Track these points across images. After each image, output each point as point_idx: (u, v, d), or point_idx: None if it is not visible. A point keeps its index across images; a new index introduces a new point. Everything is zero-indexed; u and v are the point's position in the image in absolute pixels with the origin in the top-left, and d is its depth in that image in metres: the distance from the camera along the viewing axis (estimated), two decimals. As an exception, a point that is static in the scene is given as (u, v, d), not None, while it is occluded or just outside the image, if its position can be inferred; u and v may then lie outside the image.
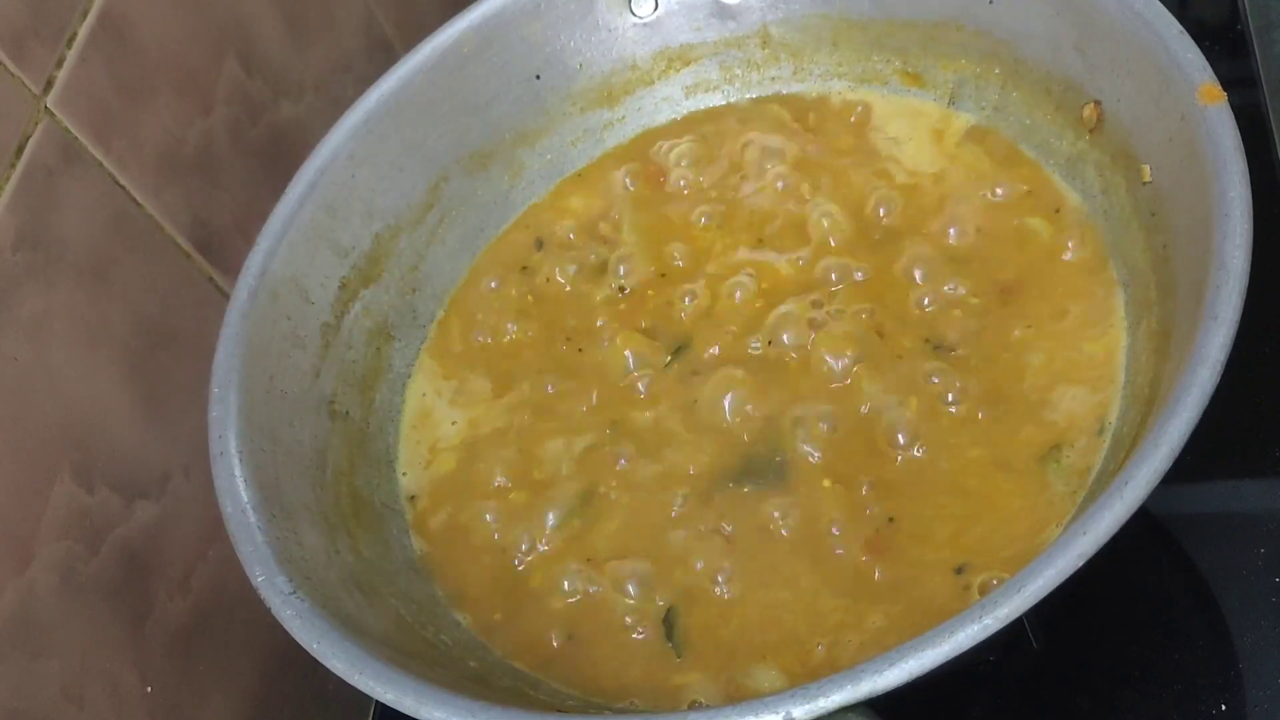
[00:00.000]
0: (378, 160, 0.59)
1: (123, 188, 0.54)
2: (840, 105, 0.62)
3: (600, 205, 0.63)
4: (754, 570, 0.48)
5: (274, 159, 0.63)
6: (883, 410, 0.50)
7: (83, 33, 0.53)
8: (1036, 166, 0.55)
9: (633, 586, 0.49)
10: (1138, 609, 0.51)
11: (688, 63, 0.64)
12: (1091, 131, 0.52)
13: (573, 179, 0.64)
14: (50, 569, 0.48)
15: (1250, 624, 0.48)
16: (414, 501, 0.55)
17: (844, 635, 0.45)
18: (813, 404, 0.51)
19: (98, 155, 0.53)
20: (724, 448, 0.52)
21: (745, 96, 0.64)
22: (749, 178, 0.61)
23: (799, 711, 0.35)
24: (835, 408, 0.51)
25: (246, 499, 0.47)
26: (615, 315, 0.58)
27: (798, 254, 0.57)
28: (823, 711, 0.35)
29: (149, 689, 0.52)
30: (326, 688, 0.62)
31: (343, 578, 0.48)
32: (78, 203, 0.51)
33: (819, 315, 0.54)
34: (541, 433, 0.55)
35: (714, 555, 0.49)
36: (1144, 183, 0.48)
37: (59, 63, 0.51)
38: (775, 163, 0.61)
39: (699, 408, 0.53)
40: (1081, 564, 0.36)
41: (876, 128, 0.60)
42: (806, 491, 0.49)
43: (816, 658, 0.45)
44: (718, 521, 0.49)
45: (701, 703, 0.45)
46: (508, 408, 0.56)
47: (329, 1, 0.70)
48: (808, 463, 0.50)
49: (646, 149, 0.64)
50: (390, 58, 0.61)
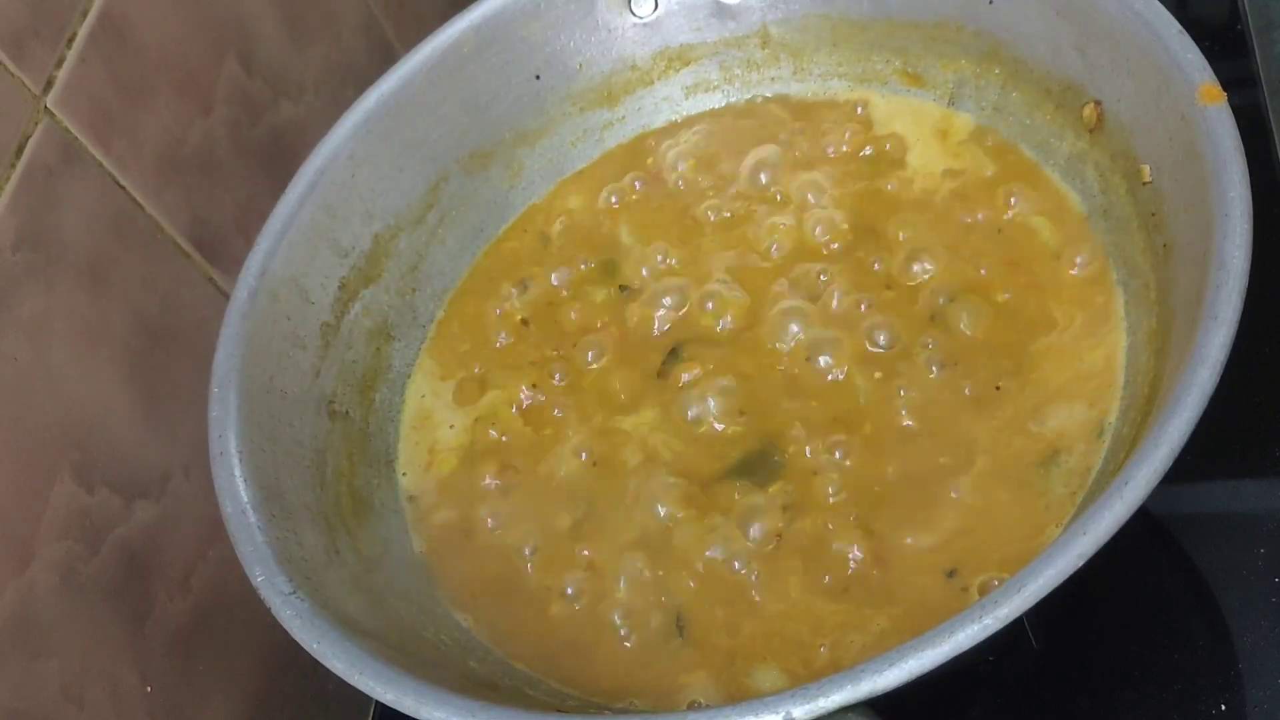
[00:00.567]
0: (378, 160, 0.59)
1: (123, 188, 0.54)
2: (840, 105, 0.62)
3: (600, 205, 0.63)
4: (757, 571, 0.48)
5: (274, 159, 0.63)
6: (877, 409, 0.50)
7: (83, 33, 0.53)
8: (1036, 166, 0.55)
9: (632, 586, 0.49)
10: (1138, 609, 0.51)
11: (687, 63, 0.64)
12: (1091, 131, 0.52)
13: (573, 179, 0.64)
14: (50, 569, 0.48)
15: (1250, 624, 0.48)
16: (414, 501, 0.55)
17: (846, 636, 0.46)
18: (806, 402, 0.52)
19: (98, 155, 0.53)
20: (720, 449, 0.52)
21: (745, 97, 0.64)
22: (749, 178, 0.61)
23: (799, 711, 0.35)
24: (828, 406, 0.51)
25: (246, 499, 0.47)
26: (615, 316, 0.58)
27: (797, 254, 0.57)
28: (823, 711, 0.35)
29: (149, 689, 0.52)
30: (326, 688, 0.62)
31: (343, 578, 0.48)
32: (78, 203, 0.51)
33: (816, 314, 0.54)
34: (542, 434, 0.55)
35: (714, 556, 0.49)
36: (1144, 183, 0.48)
37: (59, 63, 0.51)
38: (775, 163, 0.61)
39: (695, 411, 0.53)
40: (1081, 564, 0.36)
41: (877, 128, 0.60)
42: (803, 490, 0.49)
43: (820, 659, 0.45)
44: (717, 522, 0.49)
45: (701, 703, 0.45)
46: (508, 408, 0.56)
47: (329, 1, 0.70)
48: (804, 460, 0.50)
49: (646, 149, 0.64)
50: (390, 58, 0.61)
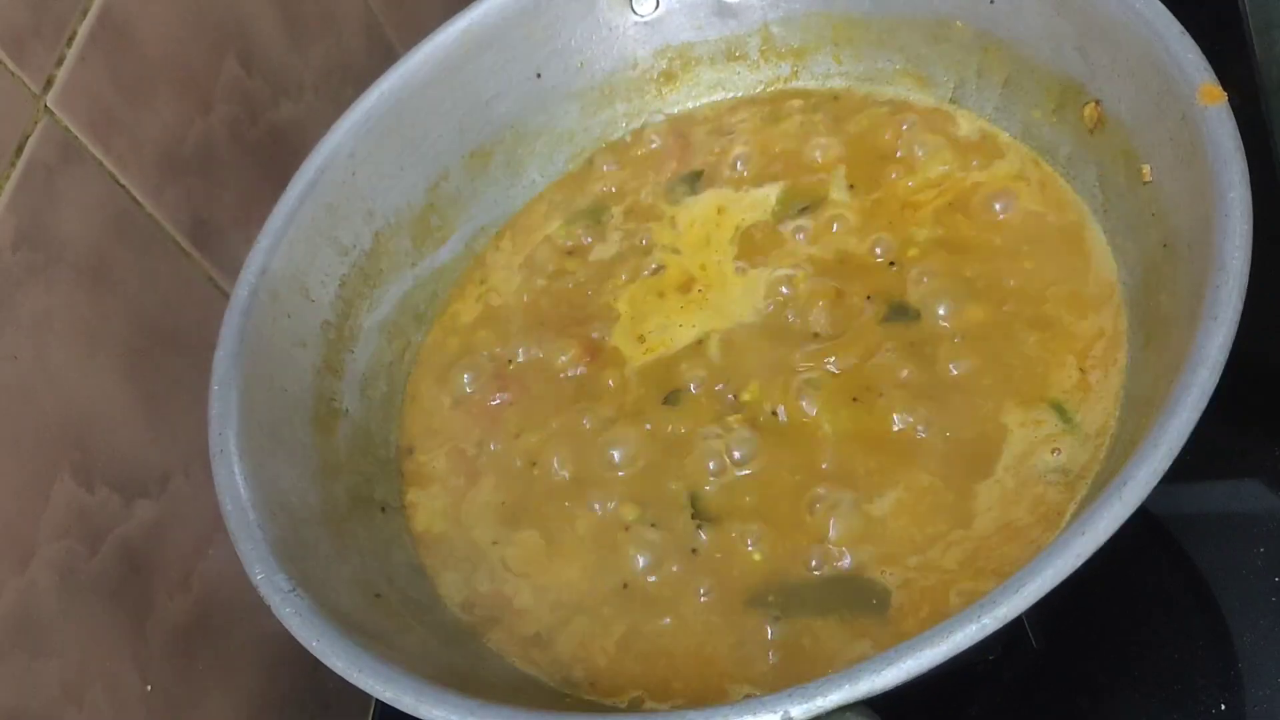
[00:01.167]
0: (378, 159, 0.59)
1: (123, 187, 0.54)
2: (841, 105, 0.62)
3: (600, 204, 0.63)
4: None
5: (274, 158, 0.63)
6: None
7: (82, 32, 0.53)
8: (1037, 166, 0.55)
9: (626, 580, 0.49)
10: (1138, 609, 0.51)
11: (689, 61, 0.64)
12: (1091, 131, 0.52)
13: (573, 178, 0.64)
14: (50, 568, 0.48)
15: (1250, 624, 0.48)
16: (414, 499, 0.55)
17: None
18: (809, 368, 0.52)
19: (98, 155, 0.53)
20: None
21: (746, 95, 0.64)
22: (748, 176, 0.61)
23: (797, 711, 0.35)
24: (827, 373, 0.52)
25: (246, 497, 0.47)
26: (613, 317, 0.58)
27: (796, 248, 0.57)
28: (821, 711, 0.35)
29: (149, 688, 0.52)
30: (326, 686, 0.62)
31: (342, 576, 0.48)
32: (78, 202, 0.51)
33: (814, 302, 0.55)
34: (543, 432, 0.55)
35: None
36: (1144, 183, 0.48)
37: (59, 62, 0.51)
38: (775, 160, 0.61)
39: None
40: (1080, 564, 0.36)
41: (877, 127, 0.60)
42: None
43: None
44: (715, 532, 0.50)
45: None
46: (509, 407, 0.56)
47: (329, 1, 0.70)
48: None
49: (647, 148, 0.64)
50: (390, 57, 0.61)
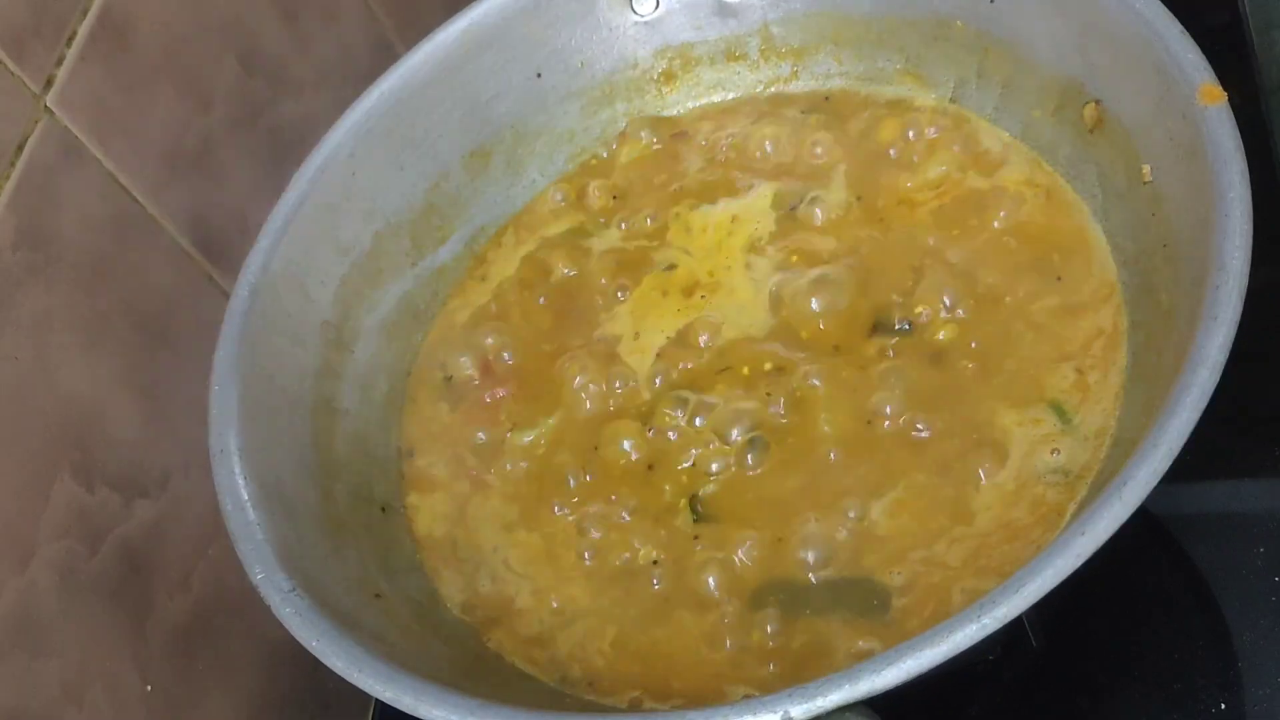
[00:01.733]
0: (378, 158, 0.59)
1: (123, 187, 0.54)
2: (841, 105, 0.62)
3: (601, 205, 0.63)
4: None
5: (274, 158, 0.63)
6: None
7: (83, 31, 0.53)
8: (1037, 165, 0.55)
9: (625, 579, 0.49)
10: (1138, 609, 0.51)
11: (689, 61, 0.64)
12: (1091, 131, 0.52)
13: (573, 177, 0.64)
14: (50, 568, 0.48)
15: (1250, 624, 0.48)
16: (414, 499, 0.55)
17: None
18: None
19: (98, 154, 0.53)
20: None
21: (746, 95, 0.64)
22: (746, 176, 0.61)
23: (797, 711, 0.35)
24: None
25: (246, 496, 0.47)
26: (615, 318, 0.58)
27: (796, 248, 0.57)
28: (821, 711, 0.35)
29: (149, 688, 0.52)
30: (326, 686, 0.62)
31: (342, 576, 0.48)
32: (78, 202, 0.51)
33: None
34: (543, 432, 0.55)
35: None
36: (1144, 183, 0.48)
37: (59, 61, 0.51)
38: (773, 161, 0.61)
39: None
40: (1080, 564, 0.36)
41: (877, 127, 0.60)
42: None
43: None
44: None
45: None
46: (508, 406, 0.56)
47: (329, 1, 0.70)
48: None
49: (647, 149, 0.64)
50: (390, 56, 0.61)
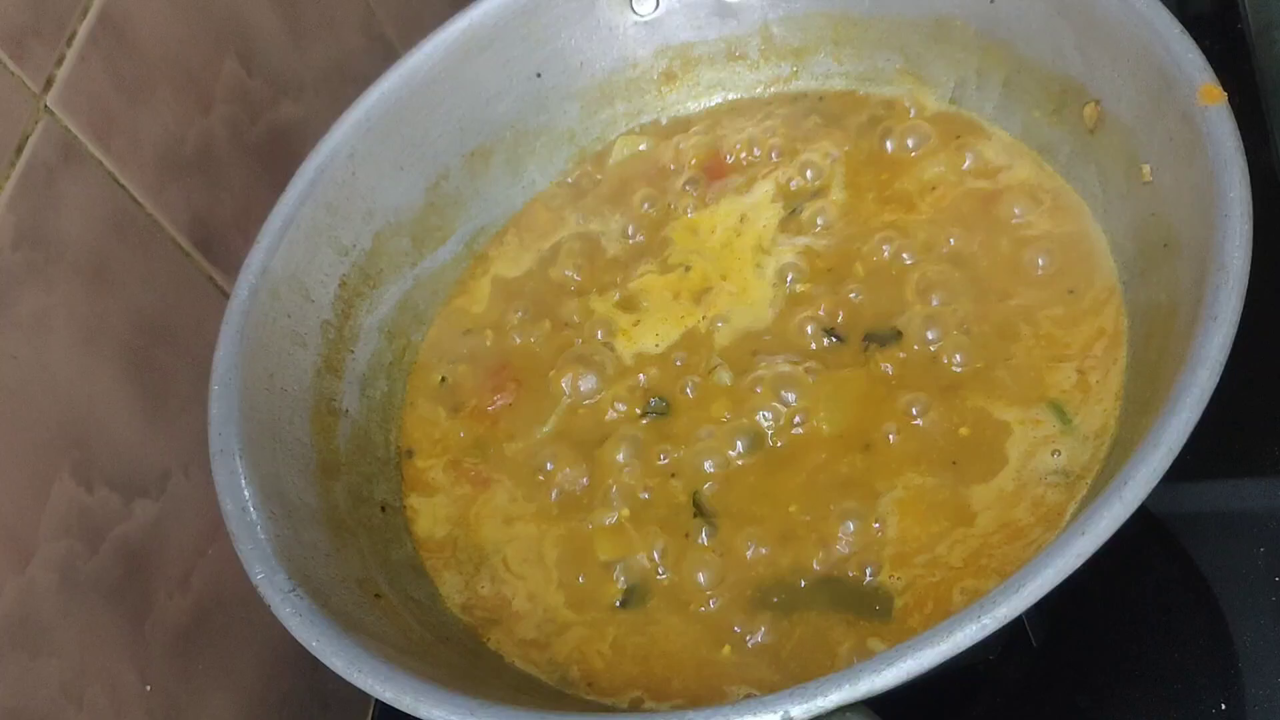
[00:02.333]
0: (378, 158, 0.59)
1: (123, 187, 0.54)
2: (841, 105, 0.62)
3: (600, 202, 0.63)
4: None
5: (274, 158, 0.63)
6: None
7: (82, 31, 0.53)
8: (1037, 165, 0.55)
9: (625, 580, 0.49)
10: (1138, 609, 0.51)
11: (688, 61, 0.64)
12: (1091, 131, 0.52)
13: (573, 177, 0.64)
14: (50, 568, 0.48)
15: (1250, 624, 0.48)
16: (414, 499, 0.55)
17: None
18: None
19: (98, 154, 0.53)
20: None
21: (745, 95, 0.64)
22: (745, 177, 0.61)
23: (797, 710, 0.35)
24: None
25: (247, 496, 0.47)
26: (613, 317, 0.58)
27: (795, 248, 0.57)
28: (821, 711, 0.35)
29: (149, 688, 0.52)
30: (326, 686, 0.62)
31: (342, 576, 0.48)
32: (78, 202, 0.51)
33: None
34: (543, 433, 0.55)
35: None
36: (1144, 183, 0.48)
37: (59, 61, 0.51)
38: (773, 161, 0.61)
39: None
40: (1080, 564, 0.36)
41: (877, 127, 0.60)
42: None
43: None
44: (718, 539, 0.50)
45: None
46: (510, 407, 0.56)
47: (329, 1, 0.70)
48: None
49: (646, 147, 0.64)
50: (390, 56, 0.61)
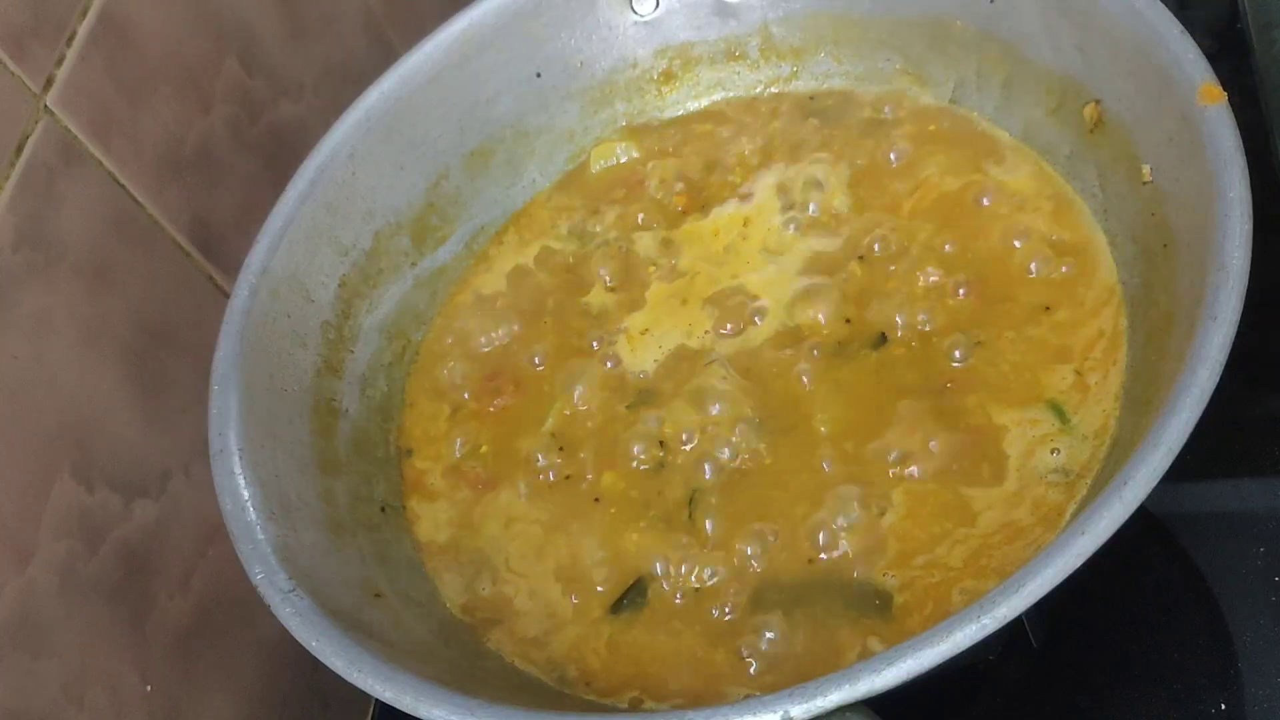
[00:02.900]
0: (378, 158, 0.59)
1: (123, 187, 0.54)
2: (841, 105, 0.62)
3: (601, 203, 0.63)
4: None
5: (274, 158, 0.63)
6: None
7: (82, 31, 0.53)
8: (1037, 166, 0.55)
9: (625, 579, 0.49)
10: (1138, 609, 0.51)
11: (688, 61, 0.64)
12: (1091, 131, 0.52)
13: (573, 177, 0.64)
14: (50, 568, 0.48)
15: (1250, 624, 0.48)
16: (414, 499, 0.55)
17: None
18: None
19: (98, 154, 0.53)
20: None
21: (745, 95, 0.64)
22: (744, 177, 0.61)
23: (797, 710, 0.35)
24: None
25: (246, 497, 0.47)
26: (617, 320, 0.58)
27: (795, 249, 0.57)
28: (820, 711, 0.35)
29: (149, 689, 0.52)
30: (326, 686, 0.62)
31: (342, 576, 0.48)
32: (78, 202, 0.51)
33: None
34: (543, 434, 0.55)
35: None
36: (1144, 183, 0.48)
37: (59, 61, 0.51)
38: (773, 161, 0.61)
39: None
40: (1080, 564, 0.36)
41: (877, 126, 0.60)
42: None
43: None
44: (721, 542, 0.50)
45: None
46: (510, 409, 0.56)
47: (329, 1, 0.70)
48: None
49: (647, 147, 0.64)
50: (390, 56, 0.61)
